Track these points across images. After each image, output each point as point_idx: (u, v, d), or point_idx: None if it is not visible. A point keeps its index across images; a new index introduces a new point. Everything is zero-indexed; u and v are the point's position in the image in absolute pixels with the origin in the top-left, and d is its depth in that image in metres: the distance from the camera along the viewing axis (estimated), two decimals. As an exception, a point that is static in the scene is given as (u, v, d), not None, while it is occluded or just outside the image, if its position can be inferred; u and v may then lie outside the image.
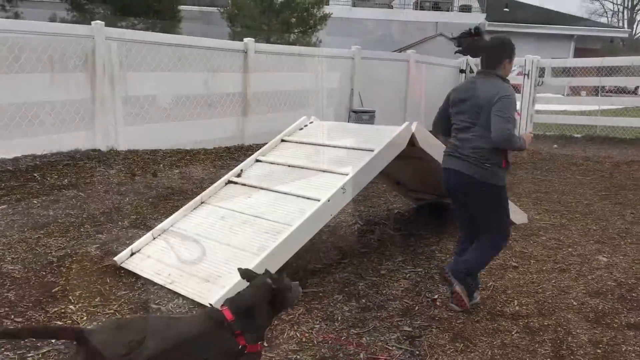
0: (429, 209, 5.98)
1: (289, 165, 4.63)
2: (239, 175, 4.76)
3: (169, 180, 7.17)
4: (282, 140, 5.10)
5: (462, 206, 3.61)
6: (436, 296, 3.75)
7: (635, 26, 53.02)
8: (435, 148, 4.60)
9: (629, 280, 4.06)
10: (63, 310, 3.42)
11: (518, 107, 11.07)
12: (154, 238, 4.27)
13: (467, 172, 3.41)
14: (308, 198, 4.06)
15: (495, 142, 3.30)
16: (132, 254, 4.17)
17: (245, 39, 9.95)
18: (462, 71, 13.47)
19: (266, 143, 5.15)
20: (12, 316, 3.34)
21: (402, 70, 12.32)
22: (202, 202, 4.55)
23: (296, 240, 3.76)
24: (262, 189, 4.44)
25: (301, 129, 5.24)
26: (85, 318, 3.34)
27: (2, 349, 2.94)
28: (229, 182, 4.73)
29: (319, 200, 3.93)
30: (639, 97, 18.03)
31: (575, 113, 13.44)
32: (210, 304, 3.34)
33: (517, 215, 5.38)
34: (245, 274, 2.44)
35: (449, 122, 3.65)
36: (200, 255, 3.90)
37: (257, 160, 4.92)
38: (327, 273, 4.14)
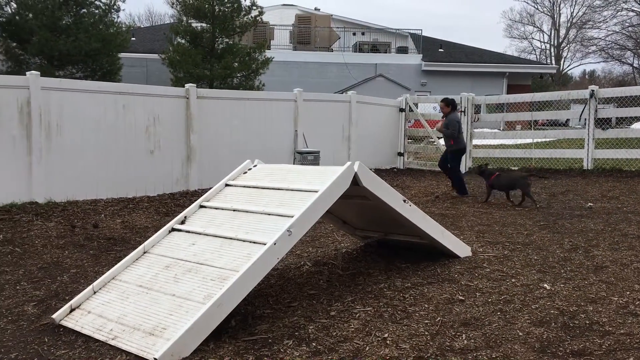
0: (377, 246, 6.02)
1: (233, 210, 4.59)
2: (182, 222, 4.68)
3: (111, 230, 6.97)
4: (227, 185, 5.07)
5: None
6: (386, 335, 3.74)
7: (562, 62, 56.17)
8: (379, 186, 4.67)
9: (570, 308, 4.17)
10: (-4, 375, 3.23)
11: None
12: (95, 292, 4.11)
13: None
14: (254, 242, 4.02)
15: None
16: (72, 310, 4.00)
17: (187, 85, 9.96)
18: (401, 110, 13.83)
19: (211, 188, 5.10)
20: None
21: (344, 111, 12.55)
22: (144, 252, 4.44)
23: (243, 286, 3.71)
24: (207, 235, 4.37)
25: (245, 172, 5.22)
26: (21, 382, 3.16)
27: None
28: (173, 229, 4.64)
29: (265, 244, 3.90)
30: (570, 129, 18.95)
31: (511, 147, 13.97)
32: (156, 359, 3.23)
33: (461, 248, 5.49)
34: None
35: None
36: (143, 307, 3.78)
37: (201, 206, 4.85)
38: (276, 318, 4.08)
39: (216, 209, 4.73)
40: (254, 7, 20.13)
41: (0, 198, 7.53)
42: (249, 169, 5.26)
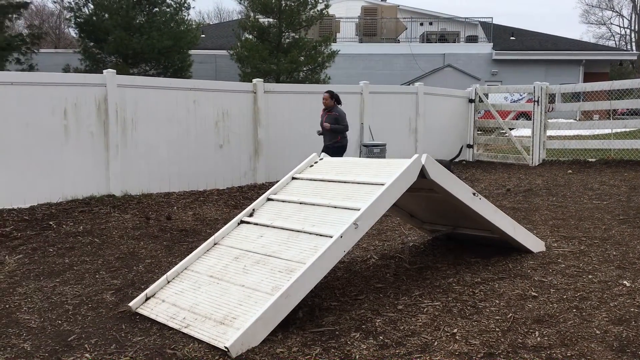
0: (444, 240, 5.92)
1: (300, 203, 4.63)
2: (251, 215, 4.76)
3: (183, 222, 7.19)
4: (293, 178, 5.11)
5: None
6: (455, 330, 3.68)
7: (643, 48, 53.03)
8: (447, 179, 4.58)
9: (653, 306, 3.95)
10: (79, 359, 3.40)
11: (529, 133, 11.45)
12: (168, 282, 4.26)
13: None
14: (321, 235, 4.04)
15: None
16: (147, 298, 4.16)
17: (254, 80, 10.11)
18: (471, 101, 13.50)
19: (278, 181, 5.16)
20: (28, 367, 3.32)
21: (411, 103, 12.39)
22: (215, 244, 4.55)
23: (310, 278, 3.73)
24: (274, 227, 4.43)
25: (311, 165, 5.25)
26: (100, 366, 3.31)
27: None
28: (242, 222, 4.73)
29: (331, 237, 3.91)
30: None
31: (588, 137, 13.36)
32: (226, 348, 3.31)
33: (534, 243, 5.31)
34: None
35: None
36: (214, 297, 3.88)
37: (269, 199, 4.92)
38: (343, 310, 4.09)
39: (283, 201, 4.79)
40: (320, 1, 20.16)
41: (80, 191, 7.93)
42: (315, 162, 5.28)
